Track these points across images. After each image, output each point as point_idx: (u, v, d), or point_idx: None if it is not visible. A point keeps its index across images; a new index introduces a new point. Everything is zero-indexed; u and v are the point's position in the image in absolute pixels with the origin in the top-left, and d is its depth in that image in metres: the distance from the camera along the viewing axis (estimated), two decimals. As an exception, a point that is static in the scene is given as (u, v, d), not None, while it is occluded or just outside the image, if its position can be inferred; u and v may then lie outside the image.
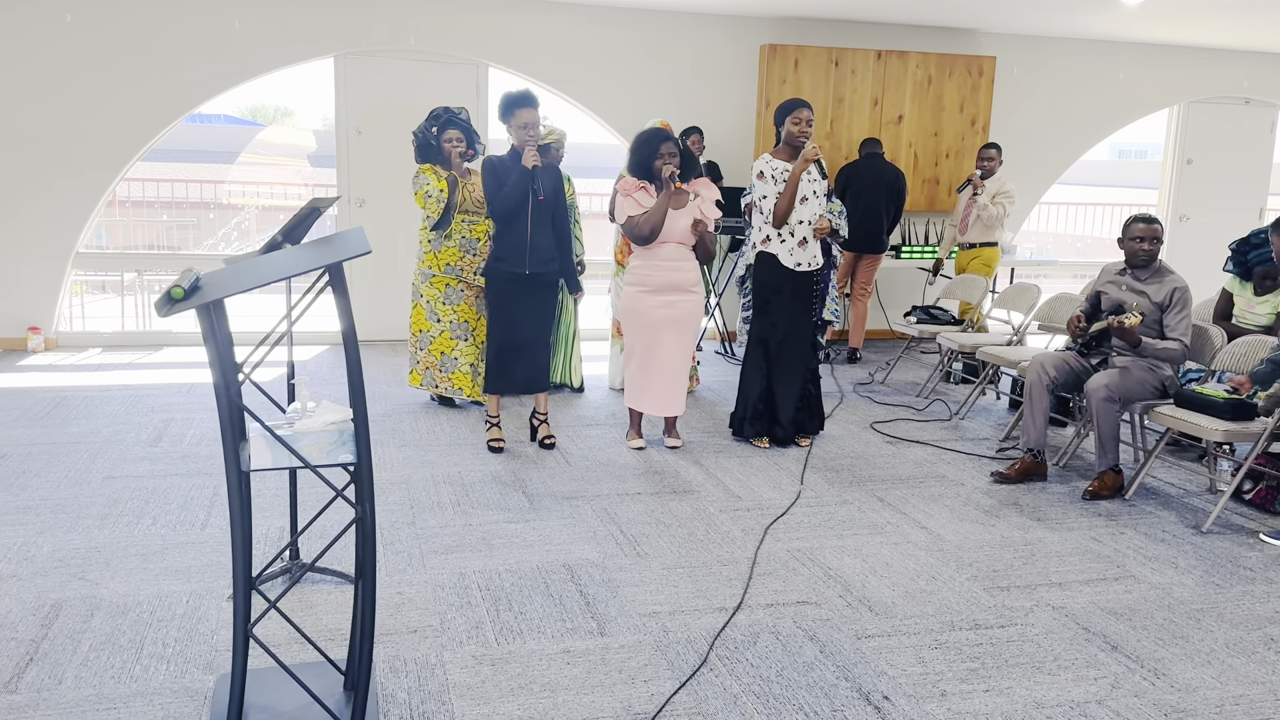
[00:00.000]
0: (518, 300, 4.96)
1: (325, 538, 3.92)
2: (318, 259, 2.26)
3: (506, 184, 4.82)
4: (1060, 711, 2.83)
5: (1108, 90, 8.96)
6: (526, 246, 4.89)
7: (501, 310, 4.97)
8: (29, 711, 2.67)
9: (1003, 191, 7.08)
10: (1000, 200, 7.06)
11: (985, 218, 7.10)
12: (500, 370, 5.03)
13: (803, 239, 5.15)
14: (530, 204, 4.87)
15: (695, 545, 3.96)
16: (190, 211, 12.27)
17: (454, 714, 2.72)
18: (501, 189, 4.82)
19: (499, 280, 4.96)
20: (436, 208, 5.45)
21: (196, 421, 5.49)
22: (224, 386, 2.23)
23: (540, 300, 5.01)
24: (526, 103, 4.84)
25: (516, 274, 4.92)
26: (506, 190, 4.81)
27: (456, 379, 5.73)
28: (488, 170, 4.88)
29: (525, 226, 4.88)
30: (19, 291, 7.19)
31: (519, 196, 4.82)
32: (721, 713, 2.77)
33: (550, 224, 4.96)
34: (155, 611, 3.26)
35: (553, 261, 4.99)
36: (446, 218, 5.51)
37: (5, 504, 4.17)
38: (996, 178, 7.16)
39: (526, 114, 4.82)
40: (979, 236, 7.25)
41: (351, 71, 7.52)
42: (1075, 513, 4.48)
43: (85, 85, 7.03)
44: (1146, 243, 4.71)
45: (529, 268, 4.91)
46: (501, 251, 4.93)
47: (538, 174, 4.85)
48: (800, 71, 7.87)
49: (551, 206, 4.95)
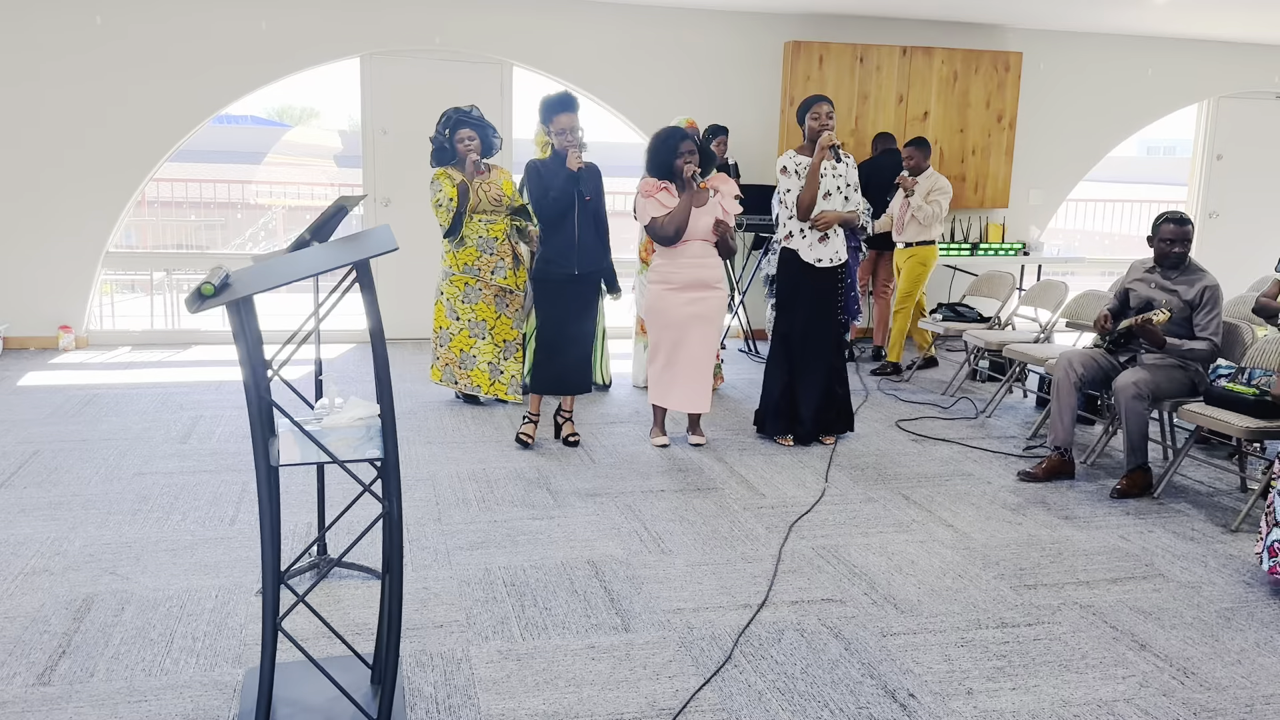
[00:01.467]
0: (567, 301, 5.00)
1: (352, 533, 3.95)
2: (345, 256, 2.28)
3: (552, 188, 4.86)
4: (1088, 710, 2.81)
5: (1136, 86, 8.87)
6: (575, 247, 4.94)
7: (552, 312, 5.02)
8: (61, 703, 2.70)
9: (937, 188, 6.89)
10: (935, 197, 6.86)
11: (921, 217, 6.85)
12: (548, 370, 5.06)
13: (823, 235, 5.14)
14: (577, 206, 4.91)
15: (719, 542, 3.96)
16: (218, 211, 12.38)
17: (480, 708, 2.73)
18: (547, 193, 4.87)
19: (549, 282, 5.00)
20: (446, 217, 5.49)
21: (225, 419, 5.55)
22: (254, 382, 2.25)
23: (587, 300, 5.06)
24: (566, 107, 4.89)
25: (567, 275, 4.95)
26: (554, 195, 4.86)
27: (475, 376, 5.76)
28: (532, 174, 4.95)
29: (573, 228, 4.93)
30: (50, 291, 7.28)
31: (566, 200, 4.86)
32: (746, 709, 2.77)
33: (594, 224, 5.00)
34: (185, 606, 3.29)
35: (600, 261, 5.04)
36: (456, 225, 5.54)
37: (38, 499, 4.23)
38: (929, 175, 6.94)
39: (565, 119, 4.87)
40: (914, 236, 6.99)
41: (377, 71, 7.57)
42: (1103, 511, 4.45)
43: (114, 87, 7.11)
44: (1177, 245, 4.66)
45: (578, 268, 4.95)
46: (550, 254, 4.97)
47: (582, 176, 4.88)
48: (825, 68, 7.85)
49: (595, 207, 4.99)
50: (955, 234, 8.62)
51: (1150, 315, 4.48)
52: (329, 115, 42.79)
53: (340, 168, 23.61)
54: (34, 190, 7.12)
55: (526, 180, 4.99)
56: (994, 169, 8.33)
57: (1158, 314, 4.47)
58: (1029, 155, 8.73)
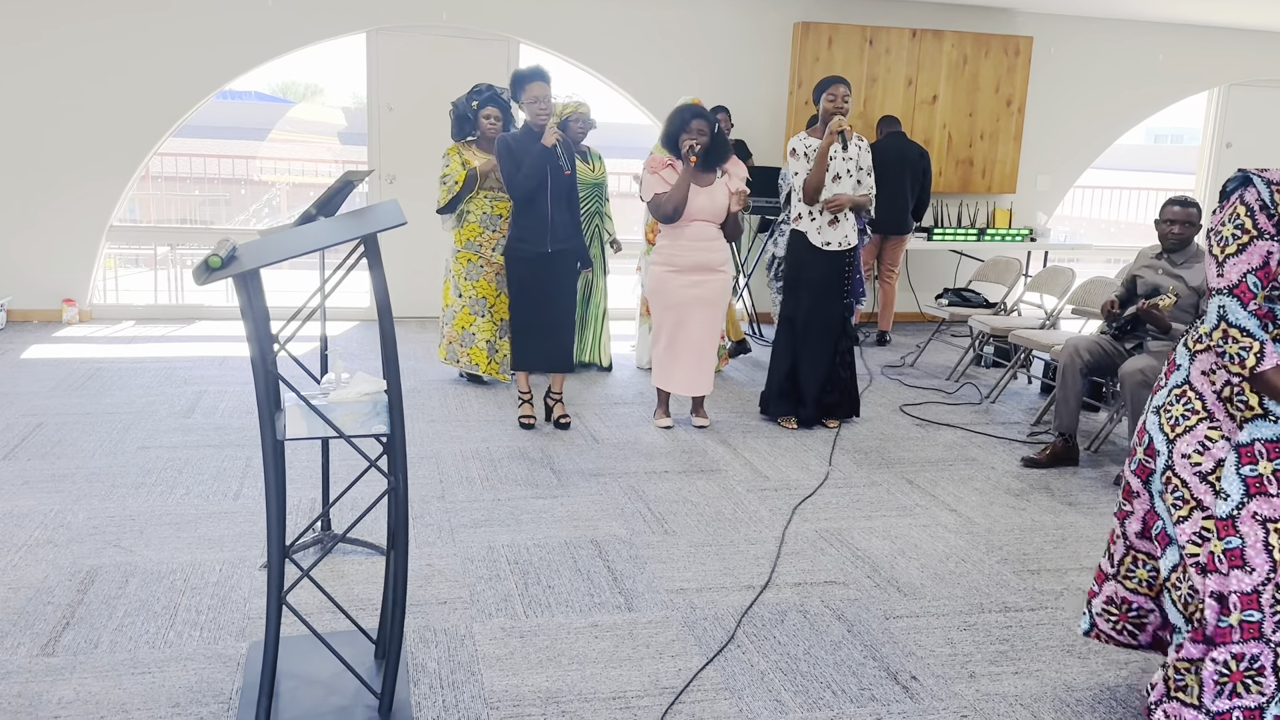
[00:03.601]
0: (540, 280, 4.94)
1: (356, 510, 3.95)
2: (353, 230, 2.27)
3: (524, 163, 4.80)
4: (1090, 695, 2.81)
5: (1146, 72, 8.82)
6: (548, 225, 4.88)
7: (524, 291, 4.96)
8: (66, 674, 2.71)
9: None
10: None
11: None
12: (523, 349, 5.02)
13: (833, 218, 5.12)
14: (550, 182, 4.85)
15: (722, 524, 3.96)
16: (222, 187, 12.35)
17: (483, 684, 2.74)
18: (519, 169, 4.80)
19: (520, 260, 4.94)
20: (446, 195, 5.47)
21: (229, 394, 5.54)
22: (260, 356, 2.25)
23: (563, 279, 4.99)
24: (536, 77, 4.79)
25: (538, 253, 4.90)
26: (525, 170, 4.78)
27: (474, 354, 5.74)
28: (503, 149, 4.84)
29: (545, 205, 4.86)
30: (54, 264, 7.27)
31: (539, 177, 4.80)
32: (749, 689, 2.77)
33: (567, 202, 4.95)
34: (189, 579, 3.30)
35: (573, 239, 4.98)
36: (451, 205, 5.53)
37: (42, 472, 4.23)
38: None
39: (537, 88, 4.76)
40: None
41: (383, 47, 7.52)
42: (1107, 497, 4.44)
43: (118, 61, 7.07)
44: (1178, 226, 4.64)
45: (550, 246, 4.90)
46: (521, 231, 4.91)
47: (558, 150, 4.83)
48: (833, 50, 7.80)
49: (570, 183, 4.93)
50: (962, 219, 8.59)
51: (1156, 300, 4.47)
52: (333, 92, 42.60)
53: (344, 145, 23.54)
54: (38, 164, 7.10)
55: (498, 155, 4.87)
56: (1002, 154, 8.29)
57: (1164, 299, 4.45)
58: (1038, 140, 8.69)
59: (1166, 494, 2.49)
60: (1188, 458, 2.46)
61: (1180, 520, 2.46)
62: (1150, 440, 2.57)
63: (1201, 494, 2.43)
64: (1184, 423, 2.49)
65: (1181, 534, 2.45)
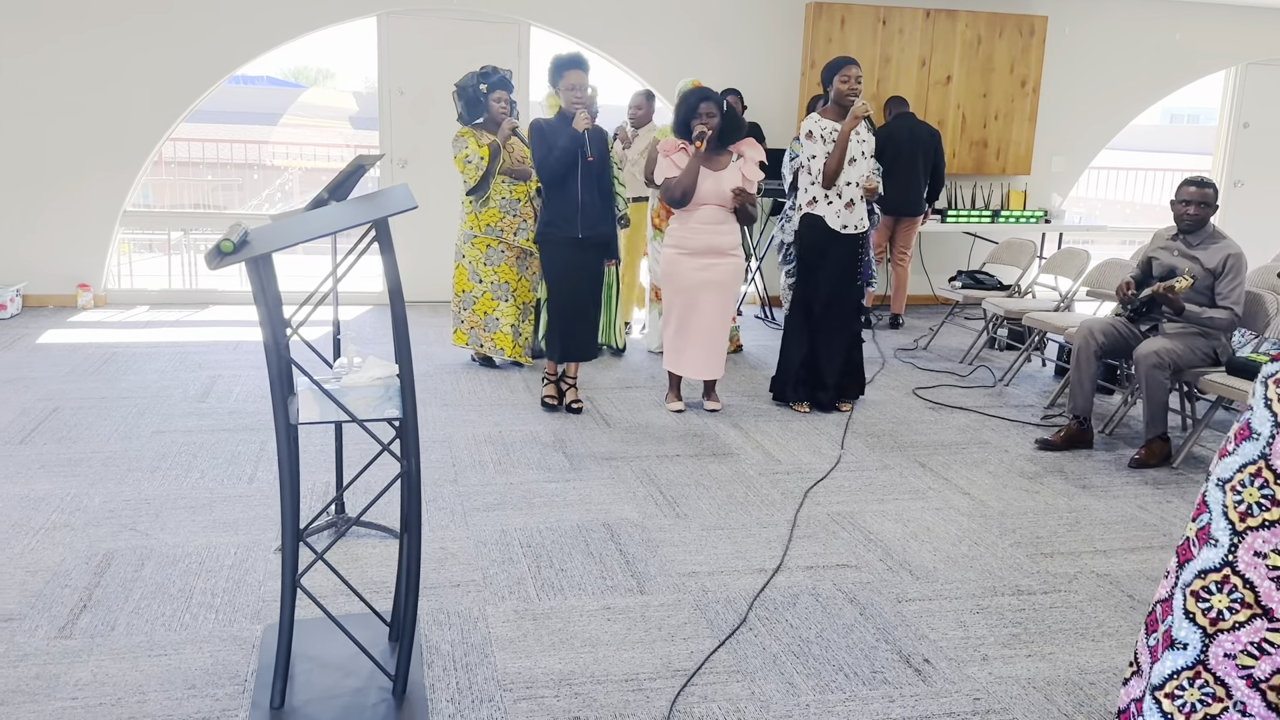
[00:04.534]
0: (573, 265, 4.95)
1: (369, 493, 3.97)
2: (365, 214, 2.26)
3: (555, 148, 4.80)
4: (1104, 678, 2.80)
5: (1163, 51, 8.73)
6: (578, 210, 4.88)
7: (560, 277, 4.97)
8: (83, 656, 2.73)
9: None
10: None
11: (635, 172, 6.33)
12: (566, 337, 5.03)
13: (850, 200, 5.09)
14: (580, 167, 4.85)
15: (734, 507, 3.96)
16: (234, 172, 12.37)
17: (496, 666, 2.75)
18: (550, 153, 4.81)
19: (553, 245, 4.95)
20: (475, 174, 5.44)
21: (243, 378, 5.57)
22: (273, 340, 2.25)
23: (593, 264, 5.01)
24: (575, 64, 4.82)
25: (570, 238, 4.91)
26: (556, 154, 4.79)
27: (498, 339, 5.75)
28: (535, 133, 4.86)
29: (576, 190, 4.87)
30: (69, 249, 7.30)
31: (569, 160, 4.80)
32: (761, 671, 2.78)
33: (598, 186, 4.95)
34: (204, 562, 3.32)
35: (603, 224, 4.98)
36: (484, 184, 5.50)
37: (58, 456, 4.26)
38: (652, 127, 6.38)
39: (575, 76, 4.80)
40: (629, 192, 6.38)
41: (394, 31, 7.51)
42: (1121, 480, 4.43)
43: (131, 47, 7.07)
44: (1194, 207, 4.59)
45: (581, 231, 4.90)
46: (552, 216, 4.92)
47: (588, 136, 4.83)
48: (846, 30, 7.75)
49: (599, 169, 4.93)
50: (976, 200, 8.53)
51: (1172, 283, 4.43)
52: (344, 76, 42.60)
53: (356, 129, 23.54)
54: (53, 151, 7.12)
55: (530, 140, 4.91)
56: (1016, 135, 8.23)
57: (1180, 280, 4.42)
58: (1052, 121, 8.62)
59: (1220, 594, 2.00)
60: (1263, 557, 1.95)
61: (1234, 628, 1.98)
62: (1208, 520, 2.05)
63: (1275, 603, 1.95)
64: (1261, 513, 1.96)
65: (1231, 642, 1.98)
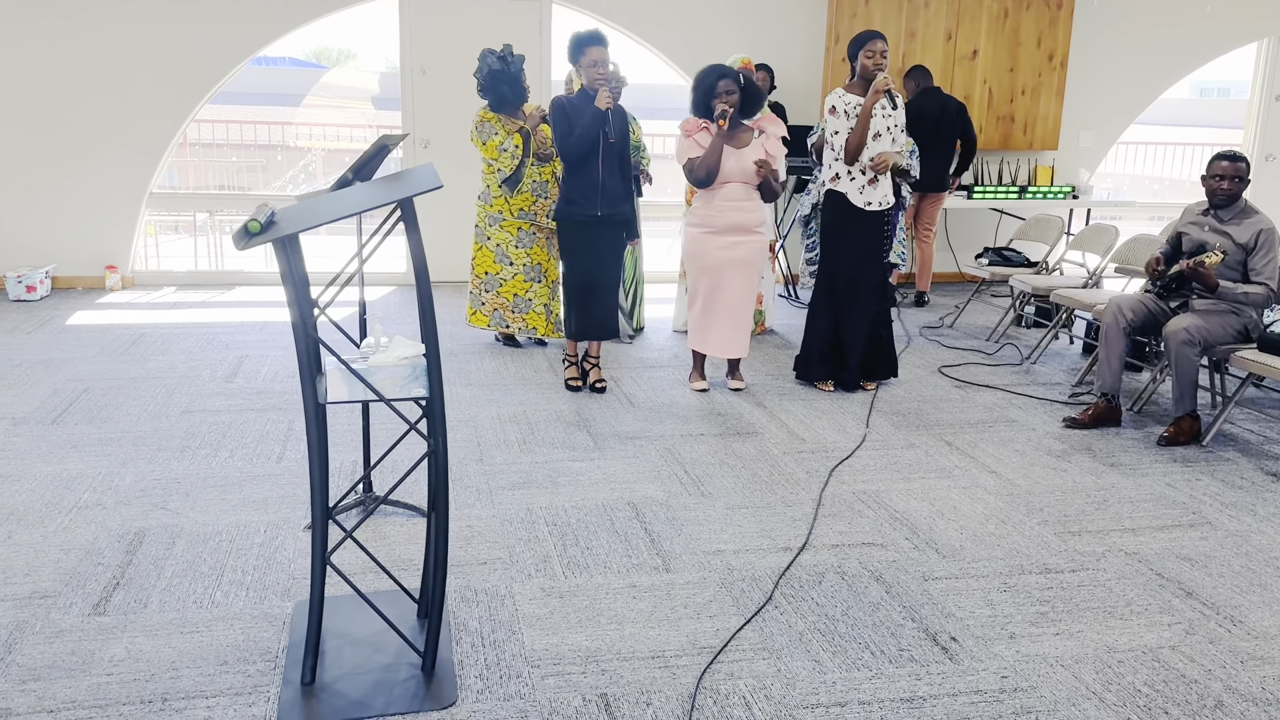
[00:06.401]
0: (591, 243, 4.95)
1: (396, 472, 3.99)
2: (390, 194, 2.27)
3: (578, 125, 4.78)
4: (1132, 656, 2.79)
5: (1193, 23, 8.58)
6: (599, 188, 4.87)
7: (577, 255, 4.97)
8: (117, 633, 2.77)
9: None
10: None
11: None
12: (582, 315, 5.04)
13: (873, 177, 5.05)
14: (601, 146, 4.83)
15: (759, 486, 3.96)
16: (258, 153, 12.43)
17: (524, 643, 2.77)
18: (573, 131, 4.79)
19: (571, 224, 4.94)
20: (511, 163, 5.40)
21: (270, 359, 5.61)
22: (301, 320, 2.26)
23: (612, 242, 5.00)
24: (596, 41, 4.79)
25: (589, 216, 4.90)
26: (579, 133, 4.77)
27: (531, 319, 5.75)
28: (557, 111, 4.84)
29: (596, 168, 4.86)
30: (97, 231, 7.36)
31: (591, 138, 4.79)
32: (787, 649, 2.78)
33: (619, 166, 4.93)
34: (235, 540, 3.36)
35: (623, 203, 4.97)
36: (519, 173, 5.47)
37: (89, 435, 4.31)
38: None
39: (596, 51, 4.78)
40: None
41: (415, 10, 7.49)
42: (1150, 458, 4.39)
43: (155, 29, 7.10)
44: (1227, 181, 4.53)
45: (601, 209, 4.89)
46: (572, 194, 4.91)
47: (610, 115, 4.81)
48: (871, 5, 7.66)
49: (620, 148, 4.91)
50: (1003, 176, 8.45)
51: (1202, 258, 4.38)
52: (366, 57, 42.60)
53: (378, 109, 23.57)
54: (78, 134, 7.17)
55: (551, 117, 4.88)
56: (1044, 110, 8.13)
57: (1210, 255, 4.36)
58: (1080, 96, 8.50)
59: None
60: None
61: None
62: None
63: None
64: None
65: None
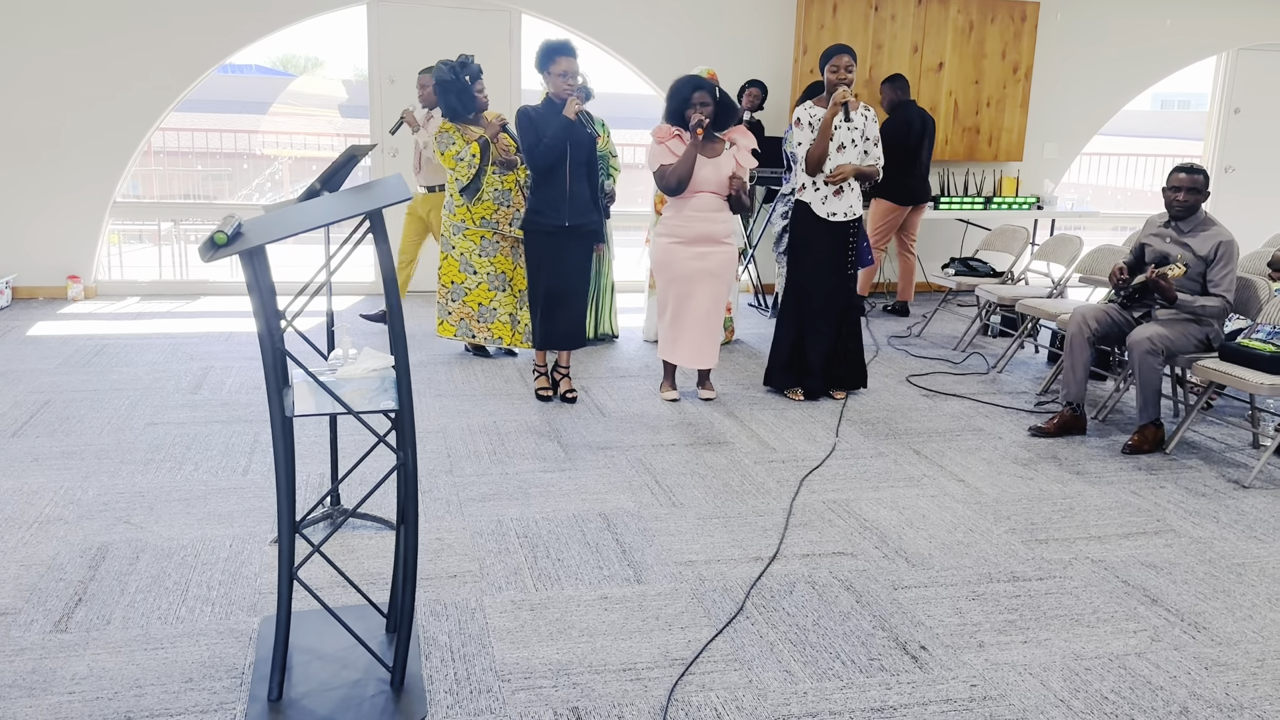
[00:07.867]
0: (558, 253, 4.94)
1: (365, 485, 3.96)
2: (358, 205, 2.25)
3: (545, 135, 4.77)
4: (1099, 663, 2.82)
5: (1154, 37, 8.73)
6: (566, 198, 4.86)
7: (543, 265, 4.95)
8: (79, 650, 2.73)
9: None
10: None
11: (429, 155, 6.09)
12: (548, 325, 5.02)
13: (837, 188, 5.08)
14: (569, 155, 4.83)
15: (730, 496, 3.97)
16: (224, 161, 12.32)
17: (494, 657, 2.75)
18: (540, 140, 4.78)
19: (539, 233, 4.93)
20: (468, 172, 5.39)
21: (235, 369, 5.55)
22: (268, 332, 2.24)
23: (580, 252, 4.99)
24: (565, 51, 4.79)
25: (556, 226, 4.89)
26: (547, 142, 4.76)
27: (496, 329, 5.73)
28: (524, 120, 4.83)
29: (564, 178, 4.85)
30: (58, 241, 7.26)
31: (559, 149, 4.78)
32: (758, 660, 2.78)
33: (586, 175, 4.93)
34: (200, 555, 3.31)
35: (591, 212, 4.96)
36: (477, 182, 5.45)
37: (51, 449, 4.24)
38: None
39: (565, 62, 4.77)
40: (431, 179, 6.20)
41: (384, 19, 7.46)
42: (1115, 467, 4.44)
43: (119, 36, 7.02)
44: (1184, 193, 4.60)
45: (568, 219, 4.88)
46: (539, 204, 4.90)
47: (579, 123, 4.81)
48: (838, 17, 7.72)
49: (588, 157, 4.91)
50: (969, 187, 8.53)
51: (1165, 270, 4.44)
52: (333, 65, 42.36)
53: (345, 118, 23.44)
54: (41, 142, 7.07)
55: (518, 127, 4.86)
56: (1009, 121, 8.23)
57: (1173, 268, 4.43)
58: (1044, 108, 8.62)
59: None
60: None
61: None
62: None
63: None
64: None
65: None
